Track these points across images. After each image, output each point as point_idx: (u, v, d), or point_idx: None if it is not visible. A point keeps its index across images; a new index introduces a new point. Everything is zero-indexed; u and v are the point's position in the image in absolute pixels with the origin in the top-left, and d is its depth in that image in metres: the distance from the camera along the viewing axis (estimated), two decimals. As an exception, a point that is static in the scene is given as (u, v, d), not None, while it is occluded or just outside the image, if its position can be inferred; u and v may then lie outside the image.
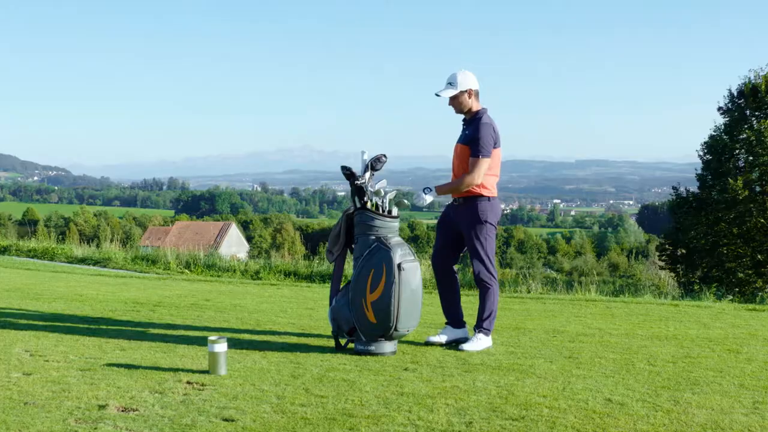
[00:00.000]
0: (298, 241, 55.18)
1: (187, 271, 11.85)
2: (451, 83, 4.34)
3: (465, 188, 4.26)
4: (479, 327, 4.38)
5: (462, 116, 4.46)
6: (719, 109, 20.04)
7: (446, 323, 4.61)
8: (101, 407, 3.05)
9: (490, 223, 4.35)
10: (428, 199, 4.31)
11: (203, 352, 4.13)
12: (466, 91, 4.33)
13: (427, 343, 4.50)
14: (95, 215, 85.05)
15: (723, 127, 19.68)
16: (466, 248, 4.51)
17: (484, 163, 4.24)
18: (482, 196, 4.32)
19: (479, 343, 4.36)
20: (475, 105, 4.38)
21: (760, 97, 18.96)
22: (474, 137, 4.26)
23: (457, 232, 4.50)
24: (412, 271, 4.18)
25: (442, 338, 4.52)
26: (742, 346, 4.64)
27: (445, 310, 4.61)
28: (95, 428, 2.81)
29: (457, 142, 4.44)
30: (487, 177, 4.31)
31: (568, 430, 2.84)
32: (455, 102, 4.36)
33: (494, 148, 4.31)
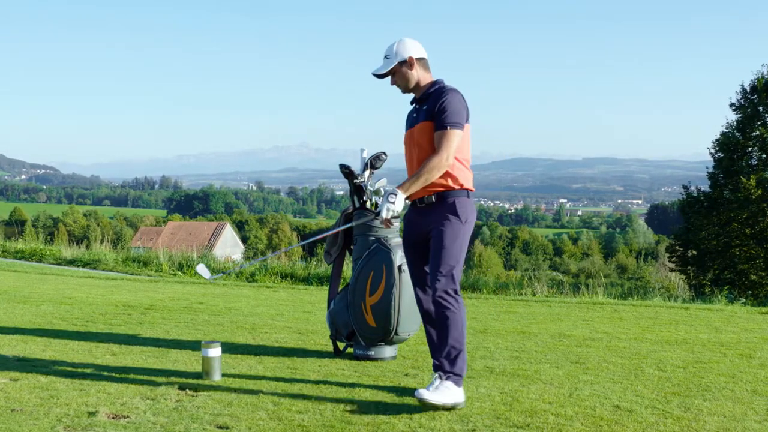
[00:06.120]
0: (295, 242, 55.23)
1: (179, 273, 11.74)
2: (387, 56, 3.45)
3: (437, 174, 3.25)
4: (443, 371, 3.21)
5: (411, 97, 3.51)
6: (731, 105, 19.74)
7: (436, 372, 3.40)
8: (91, 414, 3.00)
9: (469, 224, 3.37)
10: (396, 206, 3.25)
11: (197, 357, 4.08)
12: (405, 60, 3.40)
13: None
14: (85, 215, 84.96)
15: (735, 123, 19.44)
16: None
17: (456, 137, 3.25)
18: (462, 189, 3.34)
19: (446, 393, 3.12)
20: (424, 76, 3.43)
21: (773, 93, 18.76)
22: (439, 107, 3.28)
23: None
24: (413, 273, 4.08)
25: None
26: (755, 351, 4.58)
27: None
28: (84, 438, 2.74)
29: (408, 128, 3.48)
30: (461, 168, 3.35)
31: (577, 439, 2.78)
32: (398, 77, 3.43)
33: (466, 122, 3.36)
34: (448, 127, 3.24)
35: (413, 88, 3.45)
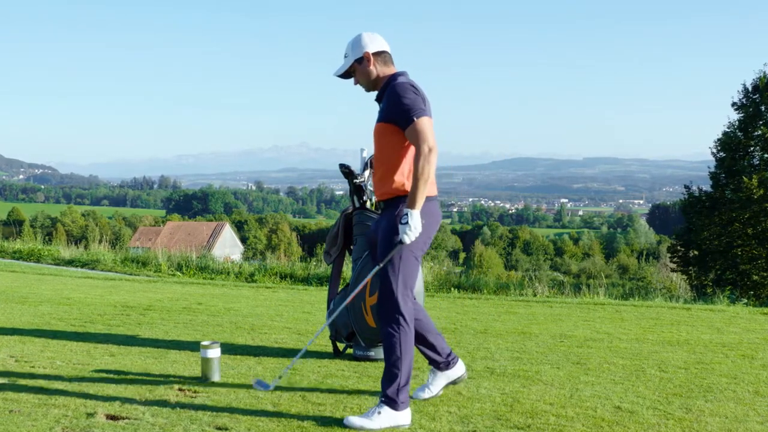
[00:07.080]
0: (295, 242, 55.19)
1: (178, 273, 11.72)
2: (346, 55, 3.23)
3: (430, 169, 2.94)
4: (381, 391, 3.02)
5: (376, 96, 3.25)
6: (733, 104, 19.67)
7: (432, 369, 3.46)
8: (89, 415, 2.99)
9: (419, 233, 3.00)
10: (414, 224, 2.94)
11: (196, 358, 4.06)
12: (362, 57, 3.16)
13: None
14: (83, 215, 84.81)
15: (737, 123, 19.37)
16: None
17: (426, 123, 2.98)
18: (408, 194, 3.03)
19: (375, 419, 2.94)
20: (384, 70, 3.18)
21: (775, 93, 18.60)
22: (394, 103, 3.04)
23: None
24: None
25: (436, 388, 3.40)
26: (757, 352, 4.56)
27: (431, 357, 3.41)
28: (82, 439, 2.73)
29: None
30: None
31: (579, 441, 2.77)
32: (358, 76, 3.20)
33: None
34: (414, 119, 2.97)
35: (375, 84, 3.21)
